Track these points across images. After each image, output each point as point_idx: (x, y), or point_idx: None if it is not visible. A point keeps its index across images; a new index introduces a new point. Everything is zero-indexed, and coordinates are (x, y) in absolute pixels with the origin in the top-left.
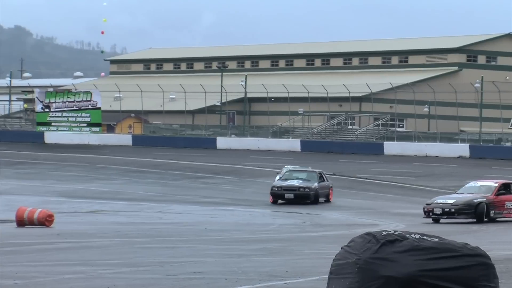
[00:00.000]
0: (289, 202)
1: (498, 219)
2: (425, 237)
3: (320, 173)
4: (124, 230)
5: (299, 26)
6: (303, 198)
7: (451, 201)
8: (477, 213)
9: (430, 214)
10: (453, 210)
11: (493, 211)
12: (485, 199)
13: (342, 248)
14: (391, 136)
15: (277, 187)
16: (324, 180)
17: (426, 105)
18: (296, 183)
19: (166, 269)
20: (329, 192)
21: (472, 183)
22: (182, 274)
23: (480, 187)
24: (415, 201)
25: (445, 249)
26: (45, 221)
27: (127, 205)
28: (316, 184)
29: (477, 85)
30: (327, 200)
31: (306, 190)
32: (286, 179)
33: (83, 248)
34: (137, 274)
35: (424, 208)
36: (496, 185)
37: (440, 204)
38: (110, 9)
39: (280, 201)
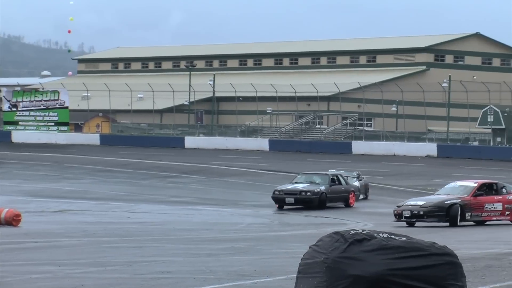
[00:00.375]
0: (292, 207)
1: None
2: (393, 236)
3: (335, 176)
4: (91, 230)
5: (268, 26)
6: (304, 202)
7: (421, 203)
8: (450, 215)
9: (400, 217)
10: (421, 213)
11: (470, 214)
12: (459, 201)
13: (310, 247)
14: (359, 136)
15: (279, 191)
16: (339, 183)
17: (394, 105)
18: (299, 186)
19: (134, 269)
20: (348, 196)
21: (452, 184)
22: (150, 273)
23: (459, 188)
24: (383, 200)
25: (413, 248)
26: (12, 220)
27: (95, 205)
28: (322, 188)
29: (444, 84)
30: (347, 205)
31: (308, 194)
32: (296, 182)
33: (50, 247)
34: (104, 274)
35: (394, 211)
36: (475, 185)
37: (410, 206)
38: (78, 8)
39: (286, 206)
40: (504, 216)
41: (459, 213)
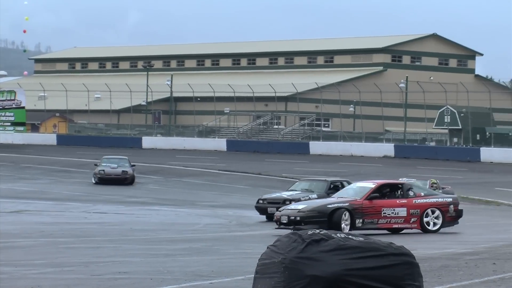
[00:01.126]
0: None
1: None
2: (350, 236)
3: (338, 183)
4: (48, 230)
5: (225, 26)
6: None
7: (301, 207)
8: (333, 222)
9: (281, 223)
10: (298, 219)
11: (361, 220)
12: (347, 204)
13: (268, 247)
14: (317, 136)
15: (262, 199)
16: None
17: (351, 105)
18: (285, 194)
19: (91, 269)
20: None
21: (352, 185)
22: (107, 274)
23: (356, 189)
24: None
25: (370, 248)
26: None
27: (52, 205)
28: (314, 196)
29: (401, 85)
30: None
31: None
32: (291, 190)
33: (6, 248)
34: (61, 274)
35: (274, 216)
36: (373, 186)
37: (289, 211)
38: (34, 7)
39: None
40: (408, 223)
41: (347, 219)
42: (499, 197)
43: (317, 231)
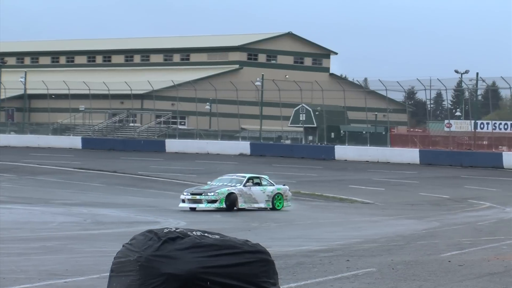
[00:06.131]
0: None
1: None
2: (206, 234)
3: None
4: None
5: (80, 22)
6: None
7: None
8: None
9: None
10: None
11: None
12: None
13: (123, 245)
14: (173, 134)
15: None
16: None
17: (207, 103)
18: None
19: None
20: None
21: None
22: None
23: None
24: None
25: (226, 246)
26: None
27: None
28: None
29: (257, 83)
30: None
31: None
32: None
33: None
34: None
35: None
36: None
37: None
38: None
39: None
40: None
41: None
42: (353, 194)
43: (173, 229)
